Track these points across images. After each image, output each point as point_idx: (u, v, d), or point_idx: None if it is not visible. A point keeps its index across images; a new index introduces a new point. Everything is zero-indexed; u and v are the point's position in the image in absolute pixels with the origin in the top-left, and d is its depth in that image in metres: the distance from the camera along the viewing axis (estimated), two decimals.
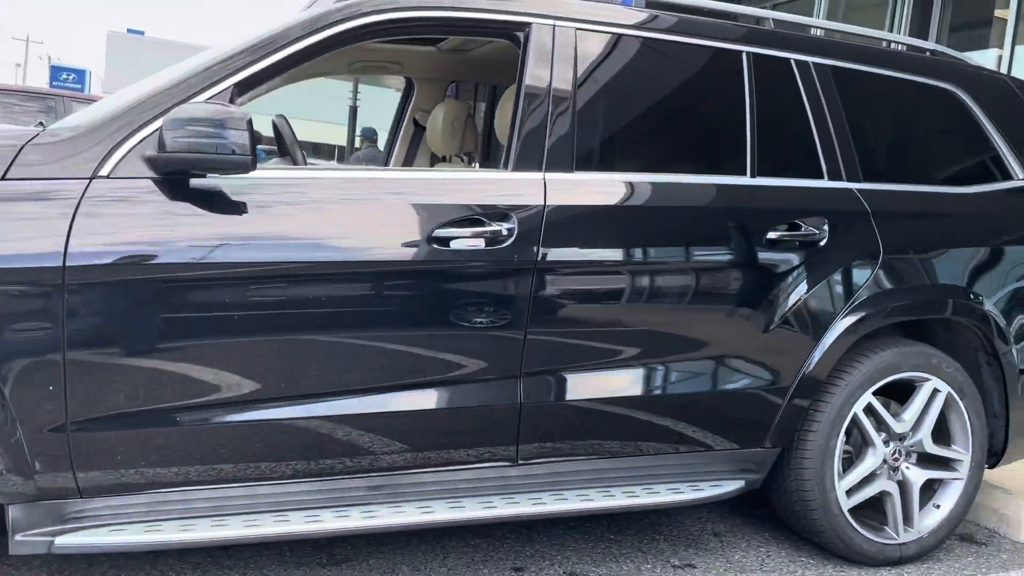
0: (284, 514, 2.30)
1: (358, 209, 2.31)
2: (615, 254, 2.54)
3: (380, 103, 11.65)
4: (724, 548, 3.00)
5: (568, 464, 2.60)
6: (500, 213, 2.40)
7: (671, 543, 3.00)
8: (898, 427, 2.92)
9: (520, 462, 2.53)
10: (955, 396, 2.97)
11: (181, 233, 2.10)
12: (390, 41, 3.58)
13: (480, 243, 2.37)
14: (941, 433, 3.03)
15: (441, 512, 2.41)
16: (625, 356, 2.57)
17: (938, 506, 3.03)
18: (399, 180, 2.49)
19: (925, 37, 7.41)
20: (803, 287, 2.73)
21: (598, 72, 2.64)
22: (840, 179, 2.87)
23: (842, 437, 2.84)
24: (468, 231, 2.35)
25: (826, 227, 2.77)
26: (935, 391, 2.95)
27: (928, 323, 3.08)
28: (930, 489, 3.06)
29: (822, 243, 2.76)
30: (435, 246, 2.31)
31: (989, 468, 3.23)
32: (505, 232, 2.38)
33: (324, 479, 2.34)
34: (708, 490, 2.72)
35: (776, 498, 2.98)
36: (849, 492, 2.88)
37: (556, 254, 2.44)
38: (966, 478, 3.03)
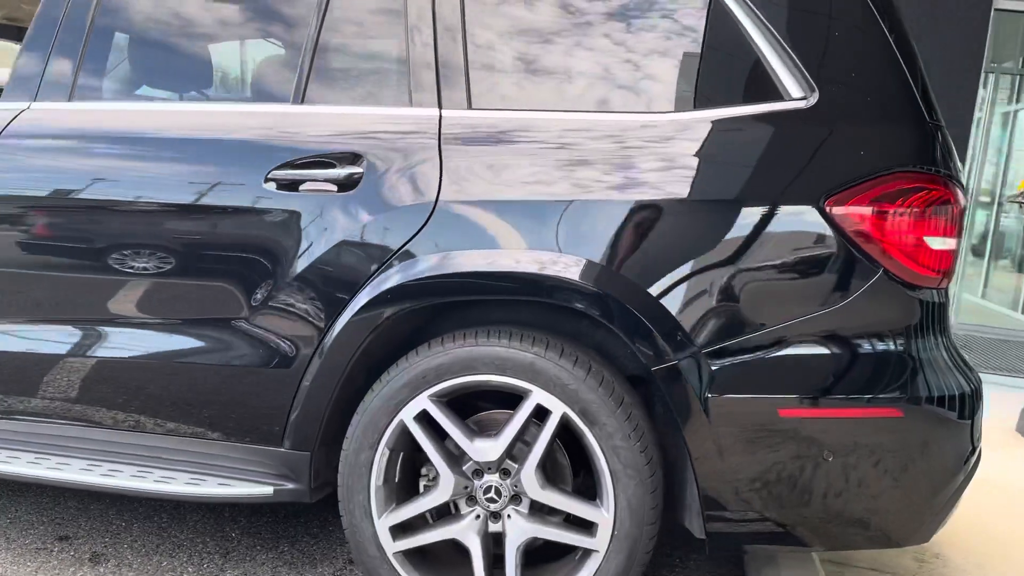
0: None
1: None
2: (47, 193, 2.23)
3: None
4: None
5: (57, 427, 2.33)
6: None
7: (281, 557, 2.48)
8: (479, 454, 2.04)
9: (3, 416, 2.35)
10: (578, 422, 1.98)
11: None
12: None
13: None
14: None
15: None
16: (74, 310, 2.23)
17: None
18: None
19: None
20: (322, 243, 2.07)
21: None
22: (432, 106, 2.11)
23: (382, 451, 2.08)
24: None
25: (360, 168, 2.06)
26: (540, 409, 2.00)
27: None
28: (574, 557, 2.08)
29: (356, 188, 2.06)
30: None
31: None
32: None
33: None
34: (214, 488, 2.20)
35: None
36: (401, 530, 2.10)
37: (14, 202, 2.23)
38: (604, 552, 1.99)
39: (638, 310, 1.91)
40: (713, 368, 1.91)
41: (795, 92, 1.97)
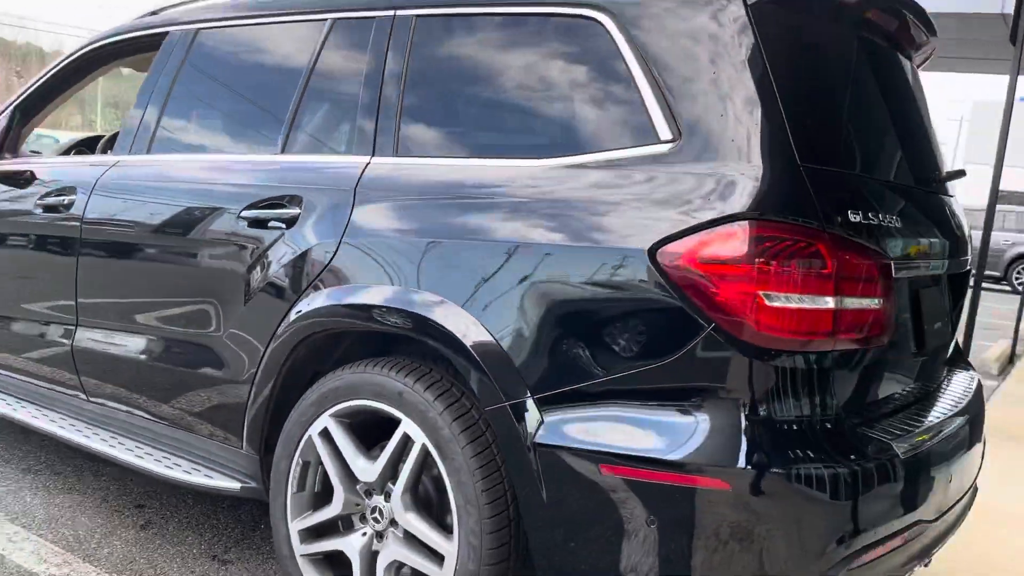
0: None
1: None
2: (117, 225, 2.81)
3: None
4: None
5: (122, 412, 2.88)
6: (66, 187, 2.97)
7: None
8: (364, 474, 2.19)
9: (90, 398, 2.97)
10: (433, 454, 2.06)
11: None
12: None
13: (38, 206, 3.00)
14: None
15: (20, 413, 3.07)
16: (119, 318, 2.78)
17: None
18: None
19: None
20: (268, 273, 2.38)
21: (204, 68, 2.87)
22: (371, 154, 2.34)
23: (296, 461, 2.31)
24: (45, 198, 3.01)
25: (298, 209, 2.35)
26: (406, 439, 2.11)
27: None
28: None
29: (292, 226, 2.36)
30: (36, 210, 3.03)
31: None
32: (66, 199, 2.93)
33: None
34: (200, 477, 2.59)
35: None
36: (314, 535, 2.31)
37: (98, 228, 2.86)
38: None
39: (471, 346, 1.95)
40: (542, 415, 1.89)
41: (664, 135, 1.90)
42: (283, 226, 2.38)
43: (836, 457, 1.75)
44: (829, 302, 1.75)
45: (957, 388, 2.51)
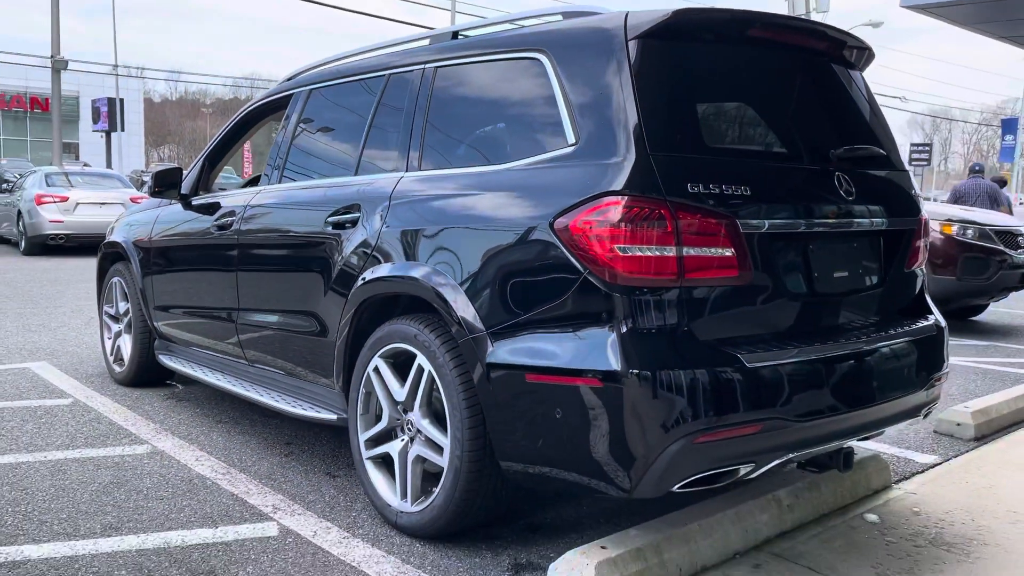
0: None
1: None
2: (257, 234, 3.91)
3: None
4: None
5: (270, 372, 3.99)
6: (230, 210, 4.13)
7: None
8: (398, 396, 3.09)
9: (250, 363, 4.10)
10: (435, 376, 2.92)
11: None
12: None
13: (213, 226, 4.18)
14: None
15: (211, 377, 4.27)
16: (261, 301, 3.87)
17: (432, 491, 2.96)
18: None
19: None
20: (341, 258, 3.36)
21: (319, 118, 3.95)
22: (405, 170, 3.27)
23: (361, 391, 3.25)
24: (217, 220, 4.19)
25: (358, 214, 3.31)
26: (420, 368, 2.98)
27: None
28: None
29: (355, 226, 3.32)
30: (212, 229, 4.23)
31: None
32: (229, 220, 4.10)
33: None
34: (311, 411, 3.61)
35: None
36: (371, 443, 3.23)
37: (246, 238, 4.00)
38: (446, 469, 2.88)
39: (449, 299, 2.80)
40: (491, 343, 2.70)
41: (570, 140, 2.67)
42: (351, 226, 3.35)
43: (681, 363, 2.41)
44: (671, 251, 2.43)
45: (893, 327, 3.01)
